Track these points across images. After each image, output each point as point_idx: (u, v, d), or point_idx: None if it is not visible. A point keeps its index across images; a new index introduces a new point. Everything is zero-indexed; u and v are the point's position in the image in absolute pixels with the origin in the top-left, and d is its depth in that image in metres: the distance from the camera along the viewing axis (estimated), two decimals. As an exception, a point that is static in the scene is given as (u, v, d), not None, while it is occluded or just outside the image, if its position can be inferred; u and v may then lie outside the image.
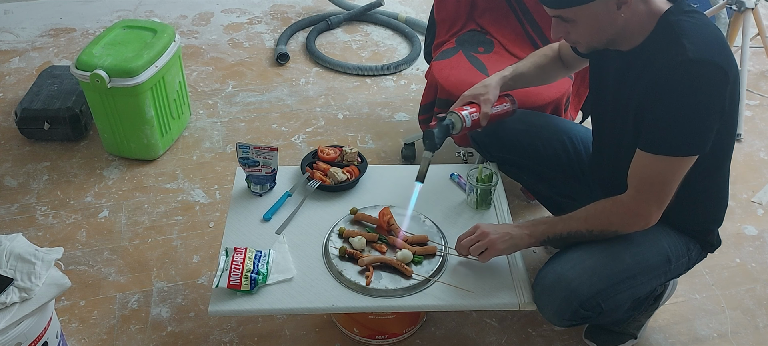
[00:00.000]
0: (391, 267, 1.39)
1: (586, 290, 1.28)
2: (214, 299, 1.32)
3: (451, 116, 1.51)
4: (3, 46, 3.06)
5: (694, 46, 1.16)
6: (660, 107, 1.21)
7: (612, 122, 1.41)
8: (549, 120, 1.70)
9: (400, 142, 2.41)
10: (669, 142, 1.22)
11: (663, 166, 1.24)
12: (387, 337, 1.65)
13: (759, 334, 1.74)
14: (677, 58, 1.17)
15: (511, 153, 1.66)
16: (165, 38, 2.22)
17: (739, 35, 2.63)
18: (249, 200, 1.59)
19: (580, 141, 1.64)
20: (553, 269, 1.34)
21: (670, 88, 1.19)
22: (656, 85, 1.21)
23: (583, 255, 1.33)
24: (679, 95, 1.18)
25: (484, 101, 1.53)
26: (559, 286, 1.30)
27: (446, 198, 1.61)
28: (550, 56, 1.62)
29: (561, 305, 1.30)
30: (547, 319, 1.36)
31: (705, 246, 1.47)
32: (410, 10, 3.52)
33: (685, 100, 1.18)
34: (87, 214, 2.07)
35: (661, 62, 1.21)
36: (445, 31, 2.21)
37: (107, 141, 2.28)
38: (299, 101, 2.69)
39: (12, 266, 1.36)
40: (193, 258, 1.91)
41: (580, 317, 1.31)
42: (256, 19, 3.37)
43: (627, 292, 1.34)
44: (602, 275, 1.30)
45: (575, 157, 1.63)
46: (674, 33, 1.20)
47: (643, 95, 1.25)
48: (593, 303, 1.29)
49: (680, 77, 1.17)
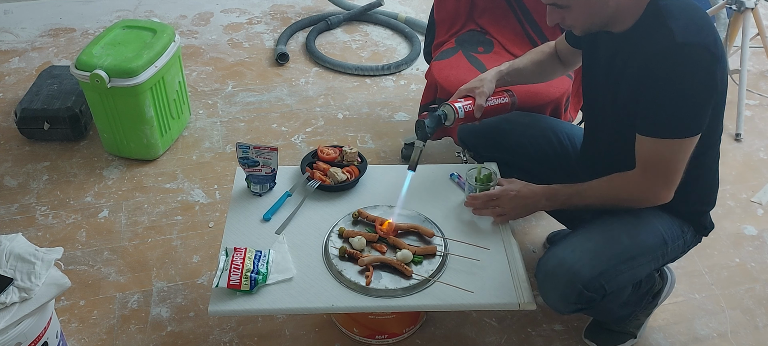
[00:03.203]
0: (391, 267, 1.39)
1: (588, 272, 1.29)
2: (214, 299, 1.32)
3: (444, 108, 1.54)
4: (3, 46, 3.06)
5: (680, 28, 1.20)
6: (654, 91, 1.24)
7: (603, 106, 1.44)
8: (534, 118, 1.73)
9: (400, 142, 2.41)
10: (667, 126, 1.25)
11: (664, 149, 1.28)
12: (387, 337, 1.65)
13: (759, 334, 1.74)
14: (664, 42, 1.21)
15: (499, 152, 1.69)
16: (165, 38, 2.22)
17: (739, 35, 2.63)
18: (249, 200, 1.59)
19: (566, 136, 1.68)
20: (554, 255, 1.36)
21: (661, 72, 1.22)
22: (647, 70, 1.24)
23: (582, 239, 1.37)
24: (671, 79, 1.21)
25: (479, 94, 1.56)
26: (561, 269, 1.32)
27: (446, 198, 1.61)
28: (547, 53, 1.66)
29: (565, 288, 1.31)
30: (552, 306, 1.37)
31: (699, 229, 1.49)
32: (410, 10, 3.52)
33: (678, 84, 1.21)
34: (87, 214, 2.07)
35: (649, 46, 1.24)
36: (445, 31, 2.21)
37: (107, 141, 2.28)
38: (299, 101, 2.69)
39: (12, 266, 1.36)
40: (193, 258, 1.91)
41: (585, 300, 1.31)
42: (256, 19, 3.37)
43: (627, 273, 1.35)
44: (603, 257, 1.32)
45: (562, 153, 1.66)
46: (661, 16, 1.24)
47: (636, 79, 1.28)
48: (596, 285, 1.30)
49: (671, 61, 1.21)
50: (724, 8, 2.67)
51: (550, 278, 1.34)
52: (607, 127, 1.46)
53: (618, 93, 1.36)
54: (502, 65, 1.64)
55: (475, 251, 1.44)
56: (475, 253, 1.43)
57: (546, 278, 1.35)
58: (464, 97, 1.58)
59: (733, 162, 2.40)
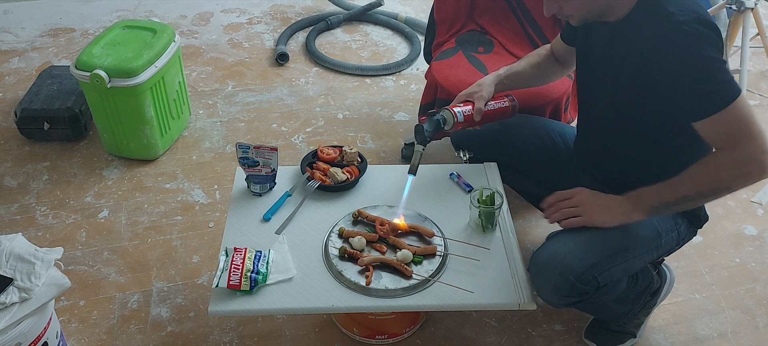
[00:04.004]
0: (391, 267, 1.38)
1: (580, 264, 1.30)
2: (214, 299, 1.32)
3: (443, 112, 1.54)
4: (3, 46, 3.06)
5: (678, 10, 1.21)
6: (676, 73, 1.21)
7: (600, 98, 1.44)
8: (525, 119, 1.73)
9: (400, 142, 2.41)
10: (715, 97, 1.20)
11: (729, 117, 1.20)
12: (387, 337, 1.65)
13: (759, 334, 1.74)
14: (666, 25, 1.21)
15: (492, 152, 1.70)
16: (165, 38, 2.22)
17: (739, 35, 2.63)
18: (249, 200, 1.59)
19: (558, 135, 1.69)
20: (547, 248, 1.36)
21: (676, 53, 1.20)
22: (656, 54, 1.23)
23: (575, 232, 1.37)
24: (690, 56, 1.19)
25: (478, 98, 1.56)
26: (554, 262, 1.32)
27: (446, 198, 1.61)
28: (544, 55, 1.67)
29: (557, 280, 1.31)
30: (545, 299, 1.37)
31: (692, 221, 1.49)
32: (410, 10, 3.52)
33: (698, 59, 1.19)
34: (87, 214, 2.07)
35: (651, 31, 1.24)
36: (445, 31, 2.21)
37: (107, 141, 2.28)
38: (299, 101, 2.69)
39: (12, 266, 1.36)
40: (192, 258, 1.91)
41: (578, 293, 1.31)
42: (256, 19, 3.37)
43: (620, 265, 1.35)
44: (595, 249, 1.32)
45: (554, 151, 1.67)
46: (658, 1, 1.24)
47: (640, 66, 1.27)
48: (589, 277, 1.30)
49: (682, 38, 1.20)
50: (724, 8, 2.67)
51: (542, 270, 1.35)
52: (604, 120, 1.46)
53: (618, 82, 1.35)
54: (501, 69, 1.64)
55: (475, 251, 1.44)
56: (475, 253, 1.43)
57: (539, 270, 1.36)
58: (464, 102, 1.58)
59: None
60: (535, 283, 1.38)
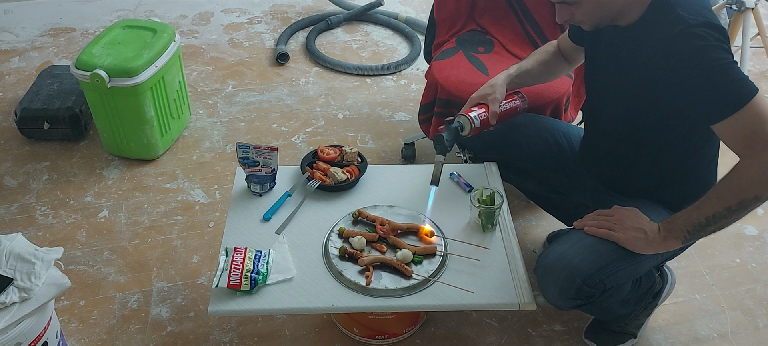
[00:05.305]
0: (391, 267, 1.38)
1: (587, 267, 1.29)
2: (214, 299, 1.32)
3: (460, 119, 1.52)
4: (3, 46, 3.06)
5: (690, 14, 1.21)
6: (691, 75, 1.21)
7: (609, 101, 1.44)
8: (530, 118, 1.72)
9: (400, 142, 2.41)
10: (733, 95, 1.19)
11: (749, 114, 1.19)
12: (387, 337, 1.65)
13: (759, 334, 1.74)
14: (678, 27, 1.20)
15: (496, 152, 1.69)
16: (165, 38, 2.22)
17: (739, 35, 2.63)
18: (249, 200, 1.59)
19: (562, 136, 1.68)
20: (554, 250, 1.35)
21: (688, 55, 1.20)
22: (668, 56, 1.22)
23: (582, 235, 1.36)
24: (703, 57, 1.19)
25: (491, 100, 1.55)
26: (561, 264, 1.31)
27: (446, 198, 1.61)
28: (551, 52, 1.67)
29: (564, 283, 1.30)
30: (551, 301, 1.37)
31: None
32: (410, 10, 3.52)
33: (711, 61, 1.18)
34: (87, 214, 2.07)
35: (662, 34, 1.23)
36: (445, 31, 2.21)
37: (107, 141, 2.28)
38: (299, 101, 2.69)
39: (12, 265, 1.36)
40: (193, 258, 1.91)
41: (584, 296, 1.31)
42: (256, 19, 3.37)
43: (627, 269, 1.34)
44: (602, 252, 1.32)
45: (559, 152, 1.66)
46: (669, 5, 1.24)
47: (653, 68, 1.27)
48: (596, 280, 1.30)
49: (695, 40, 1.19)
50: (724, 8, 2.67)
51: (549, 272, 1.34)
52: (612, 122, 1.45)
53: (628, 85, 1.35)
54: (511, 68, 1.63)
55: (475, 251, 1.44)
56: (475, 253, 1.43)
57: (545, 272, 1.35)
58: (477, 105, 1.56)
59: (733, 162, 2.39)
60: (540, 284, 1.37)
